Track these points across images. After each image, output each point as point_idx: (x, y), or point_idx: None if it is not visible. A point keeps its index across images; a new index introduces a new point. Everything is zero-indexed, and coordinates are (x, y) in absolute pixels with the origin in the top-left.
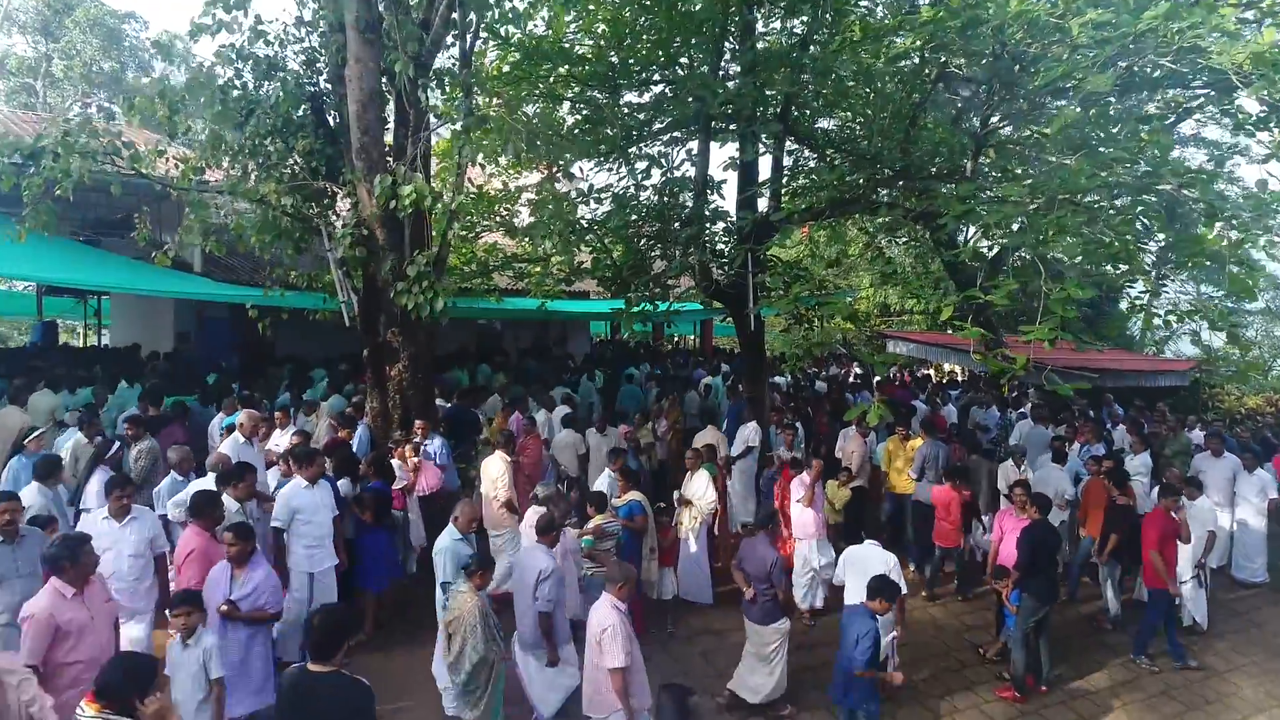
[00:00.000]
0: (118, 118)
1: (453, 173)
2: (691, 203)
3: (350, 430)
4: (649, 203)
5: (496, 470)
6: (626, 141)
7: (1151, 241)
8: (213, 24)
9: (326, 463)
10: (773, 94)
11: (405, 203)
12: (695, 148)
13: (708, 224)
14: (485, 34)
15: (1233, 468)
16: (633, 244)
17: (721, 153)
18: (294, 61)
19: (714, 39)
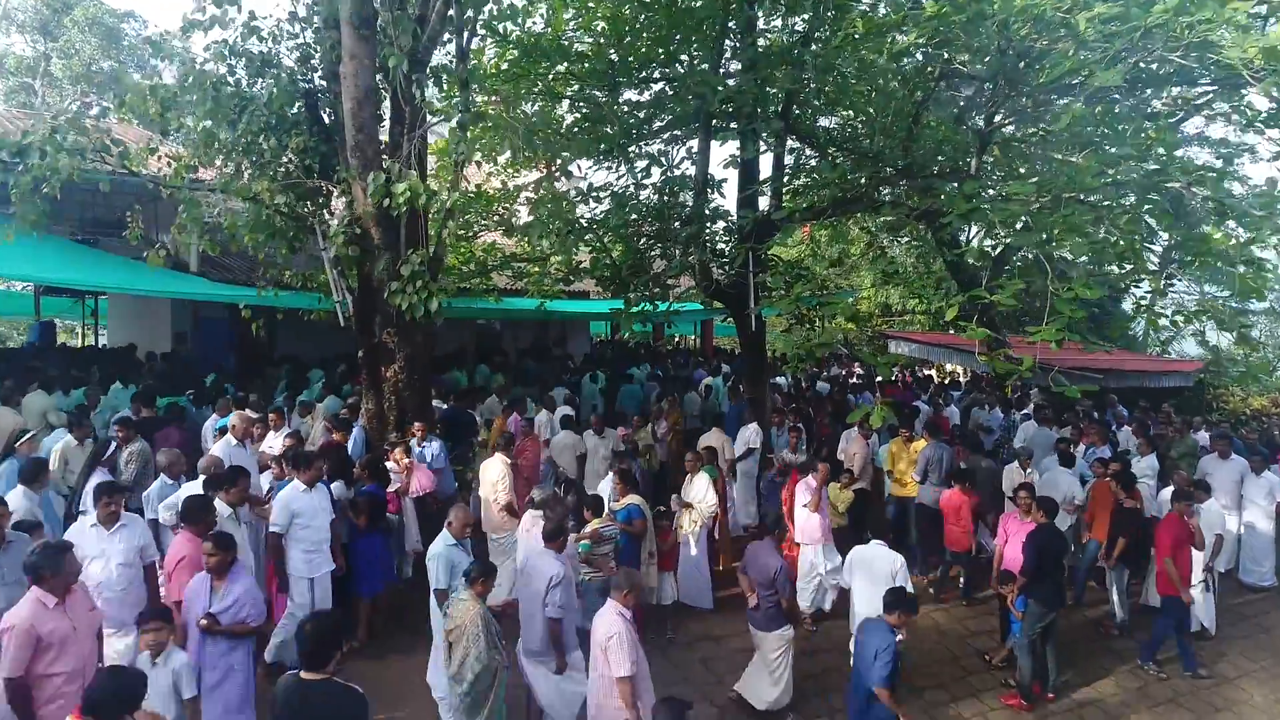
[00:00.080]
0: (109, 115)
1: (450, 171)
2: (692, 201)
3: (345, 433)
4: (649, 201)
5: (496, 473)
6: (626, 140)
7: (1156, 241)
8: (205, 19)
9: (324, 466)
10: (774, 92)
11: (399, 201)
12: (695, 146)
13: (708, 223)
14: (483, 31)
15: (1240, 470)
16: (632, 243)
17: (722, 151)
18: (288, 58)
19: (714, 36)
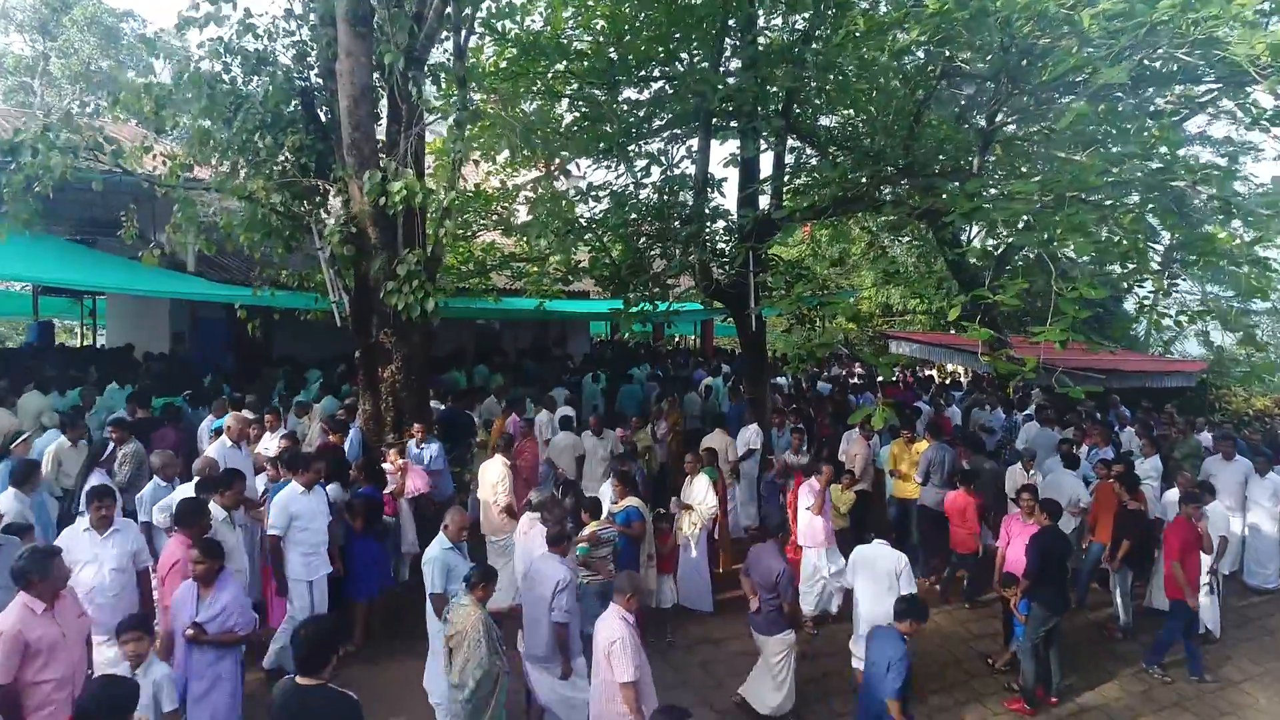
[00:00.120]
0: (102, 113)
1: (448, 170)
2: (692, 201)
3: (341, 435)
4: (648, 201)
5: (496, 475)
6: (625, 139)
7: (1157, 240)
8: (200, 17)
9: (322, 468)
10: (774, 90)
11: (395, 199)
12: (695, 145)
13: (708, 222)
14: (482, 29)
15: (1244, 471)
16: (632, 243)
17: (722, 150)
18: (284, 55)
19: (714, 34)
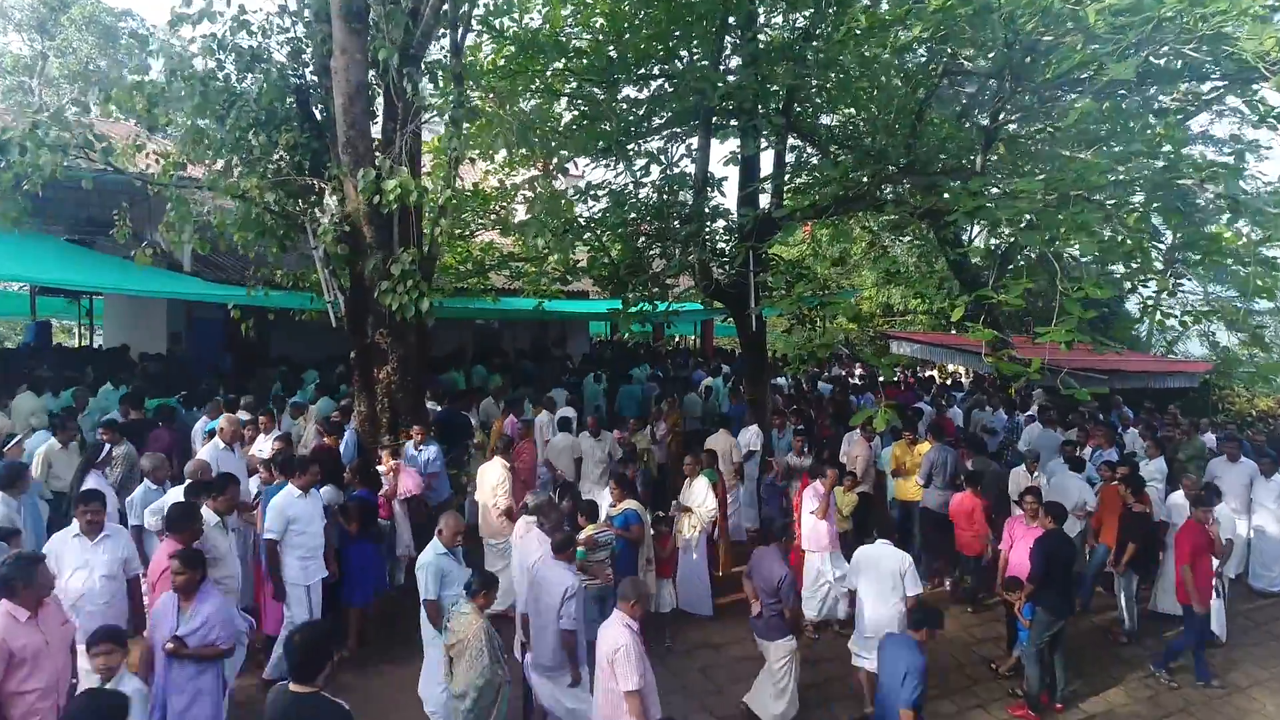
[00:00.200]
0: (93, 111)
1: (445, 168)
2: (691, 200)
3: (337, 437)
4: (648, 200)
5: (496, 477)
6: (625, 137)
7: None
8: (193, 13)
9: (319, 470)
10: (775, 88)
11: (389, 197)
12: (695, 143)
13: (708, 221)
14: (480, 26)
15: (1250, 473)
16: (631, 242)
17: (722, 149)
18: (278, 52)
19: (714, 31)
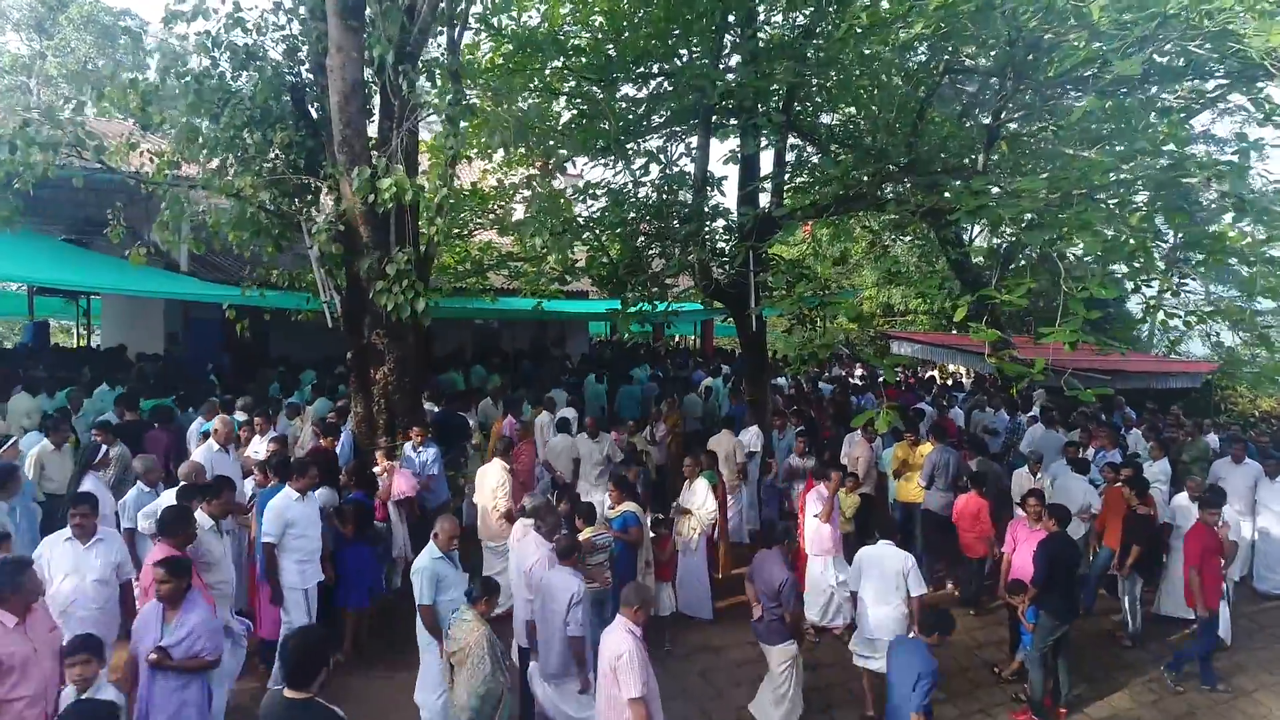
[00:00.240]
0: (86, 109)
1: (441, 167)
2: (691, 199)
3: (334, 439)
4: (647, 199)
5: (496, 479)
6: (624, 136)
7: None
8: (188, 10)
9: (317, 473)
10: (775, 87)
11: (385, 196)
12: (695, 142)
13: (707, 221)
14: (478, 25)
15: (1254, 474)
16: (630, 242)
17: (722, 147)
18: (273, 50)
19: (714, 29)
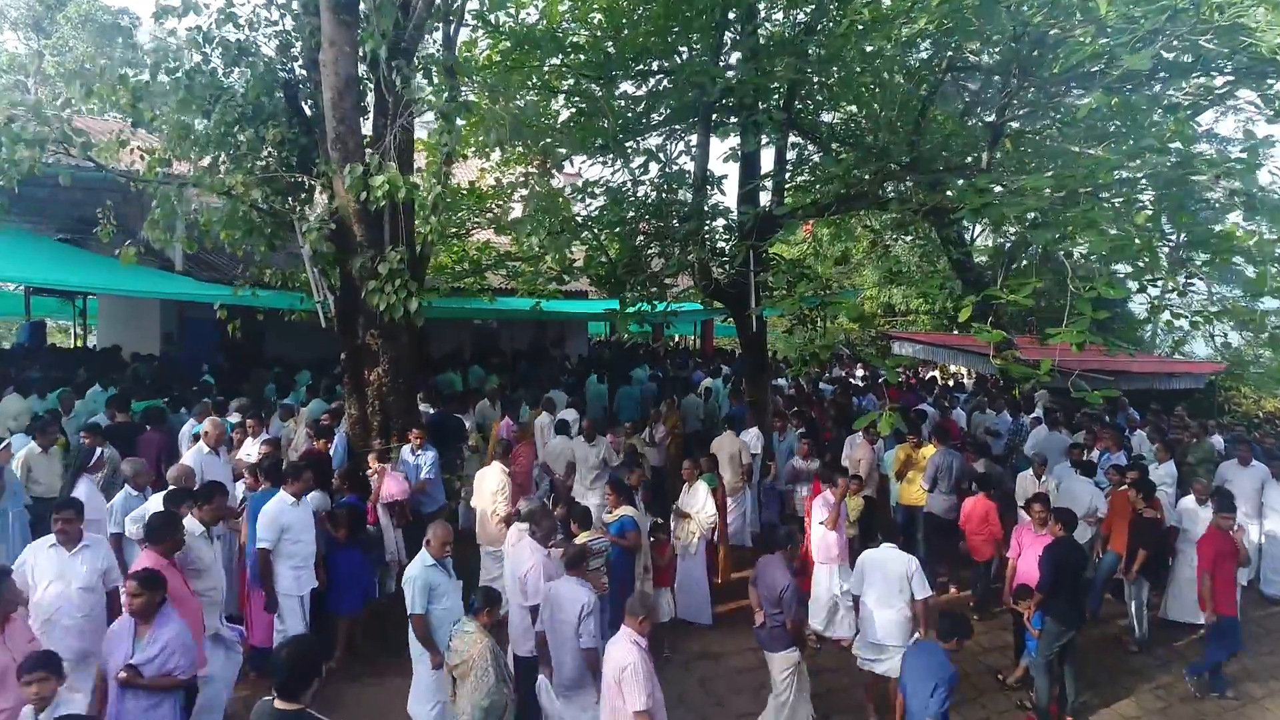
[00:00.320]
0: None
1: (437, 164)
2: (690, 197)
3: (327, 441)
4: (646, 198)
5: (496, 483)
6: (623, 134)
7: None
8: (179, 5)
9: (312, 477)
10: (776, 84)
11: (378, 194)
12: (694, 140)
13: (707, 220)
14: (475, 21)
15: (1261, 477)
16: (629, 241)
17: (722, 146)
18: (266, 46)
19: (714, 26)
